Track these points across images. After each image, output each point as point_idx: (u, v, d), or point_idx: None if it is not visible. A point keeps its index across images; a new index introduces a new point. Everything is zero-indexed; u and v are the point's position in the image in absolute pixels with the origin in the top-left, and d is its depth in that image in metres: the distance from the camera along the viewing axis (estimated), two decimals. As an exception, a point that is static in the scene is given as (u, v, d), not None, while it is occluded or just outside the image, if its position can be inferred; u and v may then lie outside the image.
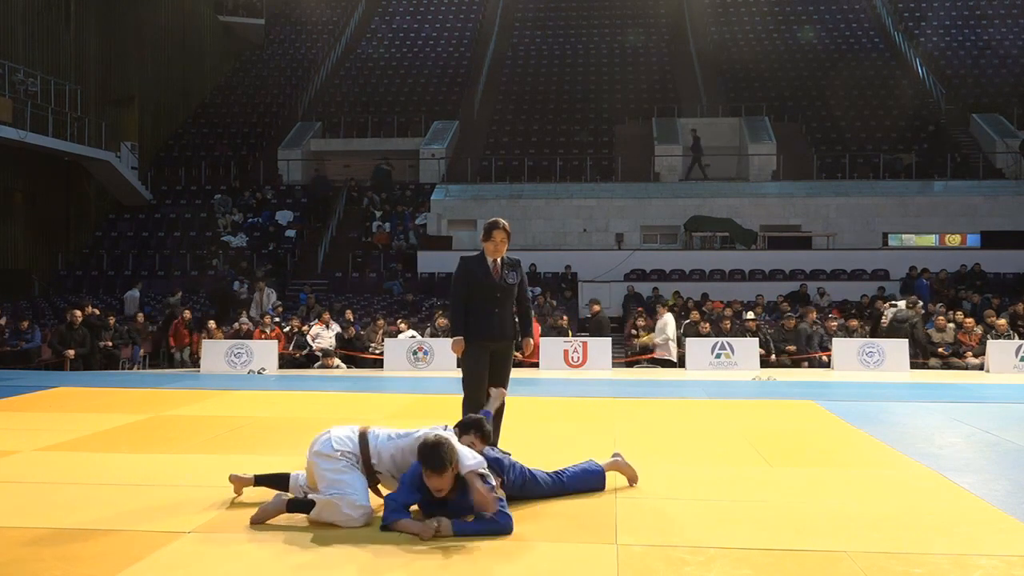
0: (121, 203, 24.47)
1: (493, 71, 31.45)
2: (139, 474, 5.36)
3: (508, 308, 5.78)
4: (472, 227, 22.59)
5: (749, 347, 14.60)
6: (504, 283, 5.71)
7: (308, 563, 3.76)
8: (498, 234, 5.65)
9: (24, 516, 4.41)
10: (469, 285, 5.69)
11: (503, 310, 5.73)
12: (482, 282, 5.67)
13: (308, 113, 29.19)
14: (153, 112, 27.59)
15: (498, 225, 5.68)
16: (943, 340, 14.94)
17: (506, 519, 4.15)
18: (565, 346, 14.77)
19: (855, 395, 9.93)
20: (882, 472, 5.58)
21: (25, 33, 22.46)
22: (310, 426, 7.37)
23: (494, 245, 5.66)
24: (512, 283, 5.74)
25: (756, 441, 6.55)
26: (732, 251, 21.41)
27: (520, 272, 5.84)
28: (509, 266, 5.76)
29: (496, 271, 5.70)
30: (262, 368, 14.15)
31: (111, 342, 15.02)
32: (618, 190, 23.21)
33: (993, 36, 30.43)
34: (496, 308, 5.69)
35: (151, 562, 3.73)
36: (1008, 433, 7.00)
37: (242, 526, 4.25)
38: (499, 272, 5.70)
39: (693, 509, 4.58)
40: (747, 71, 29.44)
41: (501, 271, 5.71)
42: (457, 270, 5.84)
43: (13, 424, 7.36)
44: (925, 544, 3.98)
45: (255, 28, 33.44)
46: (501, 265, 5.72)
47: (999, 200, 21.90)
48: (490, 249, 5.68)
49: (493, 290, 5.67)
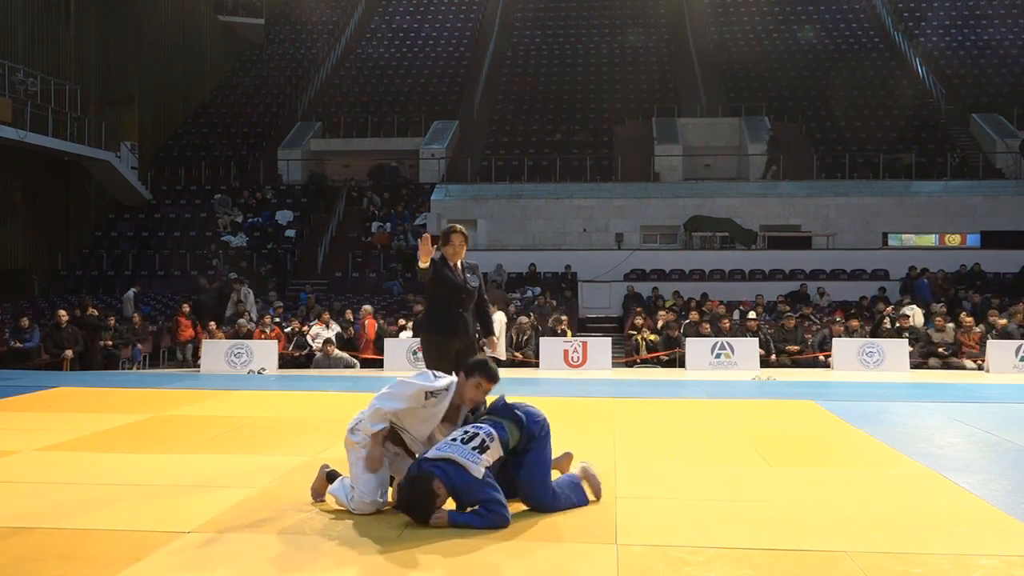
0: (121, 203, 24.46)
1: (493, 71, 31.45)
2: (139, 474, 5.36)
3: (470, 310, 5.96)
4: (472, 227, 22.58)
5: (749, 347, 14.60)
6: (468, 286, 5.89)
7: (308, 563, 3.76)
8: (456, 238, 5.85)
9: (24, 516, 4.40)
10: (442, 283, 5.84)
11: (465, 311, 5.91)
12: (450, 283, 5.83)
13: (308, 113, 29.20)
14: (153, 112, 27.58)
15: (455, 229, 5.89)
16: (943, 340, 14.94)
17: (502, 511, 4.16)
18: (565, 346, 14.76)
19: (855, 395, 9.92)
20: (882, 472, 5.58)
21: (25, 33, 22.45)
22: (310, 426, 7.38)
23: (453, 249, 5.84)
24: (474, 286, 5.93)
25: (756, 441, 6.55)
26: (732, 251, 21.41)
27: (479, 275, 6.04)
28: (469, 269, 5.95)
29: (460, 275, 5.87)
30: (262, 368, 14.15)
31: (111, 342, 15.02)
32: (618, 190, 23.20)
33: (993, 36, 30.43)
34: (460, 309, 5.87)
35: (151, 562, 3.73)
36: (1008, 433, 7.00)
37: (242, 526, 4.25)
38: (462, 275, 5.88)
39: (693, 509, 4.58)
40: (747, 71, 29.43)
41: (463, 274, 5.89)
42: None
43: (13, 424, 7.36)
44: (925, 544, 3.98)
45: (255, 28, 33.43)
46: (462, 269, 5.90)
47: (999, 200, 21.89)
48: (450, 253, 5.85)
49: (459, 292, 5.85)
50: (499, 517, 4.16)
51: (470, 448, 4.26)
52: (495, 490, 4.21)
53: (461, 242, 5.87)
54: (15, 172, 22.13)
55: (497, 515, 4.16)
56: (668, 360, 15.01)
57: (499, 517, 4.16)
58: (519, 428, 4.45)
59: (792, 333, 15.22)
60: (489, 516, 4.15)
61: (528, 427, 4.46)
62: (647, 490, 4.97)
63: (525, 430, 4.45)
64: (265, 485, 5.00)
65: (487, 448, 4.30)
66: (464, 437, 4.33)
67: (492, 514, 4.15)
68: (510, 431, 4.43)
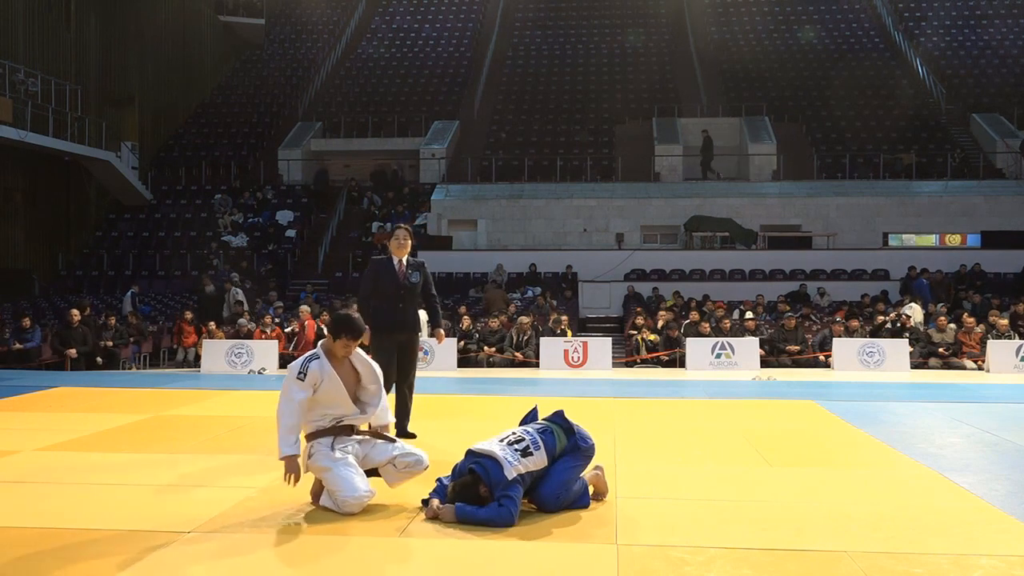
0: (121, 203, 24.47)
1: (493, 71, 31.45)
2: (139, 474, 5.36)
3: (412, 304, 6.52)
4: (472, 227, 22.59)
5: (749, 347, 14.60)
6: (408, 282, 6.45)
7: (308, 563, 3.76)
8: (400, 232, 6.50)
9: (24, 516, 4.41)
10: (375, 283, 6.48)
11: (407, 306, 6.46)
12: (387, 281, 6.42)
13: (308, 113, 29.20)
14: (153, 112, 27.60)
15: (402, 226, 6.59)
16: (943, 340, 14.93)
17: (511, 510, 4.17)
18: (565, 346, 14.76)
19: (855, 395, 9.92)
20: (882, 472, 5.58)
21: (25, 33, 22.46)
22: (310, 426, 7.38)
23: (398, 243, 6.46)
24: (415, 282, 6.49)
25: (756, 441, 6.55)
26: (732, 251, 21.41)
27: (424, 273, 6.59)
28: (413, 267, 6.52)
29: (401, 271, 6.45)
30: (262, 368, 14.15)
31: (111, 342, 15.02)
32: (618, 190, 23.21)
33: (993, 36, 30.44)
34: (400, 304, 6.42)
35: (151, 562, 3.73)
36: (1008, 433, 7.00)
37: (242, 526, 4.25)
38: (404, 272, 6.46)
39: (693, 509, 4.58)
40: (747, 71, 29.44)
41: (406, 271, 6.47)
42: (366, 270, 6.70)
43: (13, 424, 7.35)
44: (925, 544, 3.98)
45: (255, 28, 33.45)
46: (406, 266, 6.49)
47: (999, 200, 21.89)
48: (395, 247, 6.46)
49: (397, 288, 6.41)
50: (506, 514, 4.17)
51: (513, 449, 4.34)
52: (516, 491, 4.24)
53: (405, 236, 6.47)
54: (15, 172, 22.15)
55: (505, 511, 4.17)
56: (668, 360, 15.00)
57: (506, 514, 4.17)
58: (567, 436, 4.53)
59: (792, 333, 15.22)
60: (498, 511, 4.17)
61: (576, 437, 4.53)
62: (647, 490, 4.97)
63: (572, 439, 4.53)
64: (265, 485, 5.00)
65: (530, 454, 4.35)
66: (512, 439, 4.41)
67: (501, 508, 4.17)
68: (558, 436, 4.51)
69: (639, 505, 4.65)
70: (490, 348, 15.08)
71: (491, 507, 4.20)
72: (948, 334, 14.98)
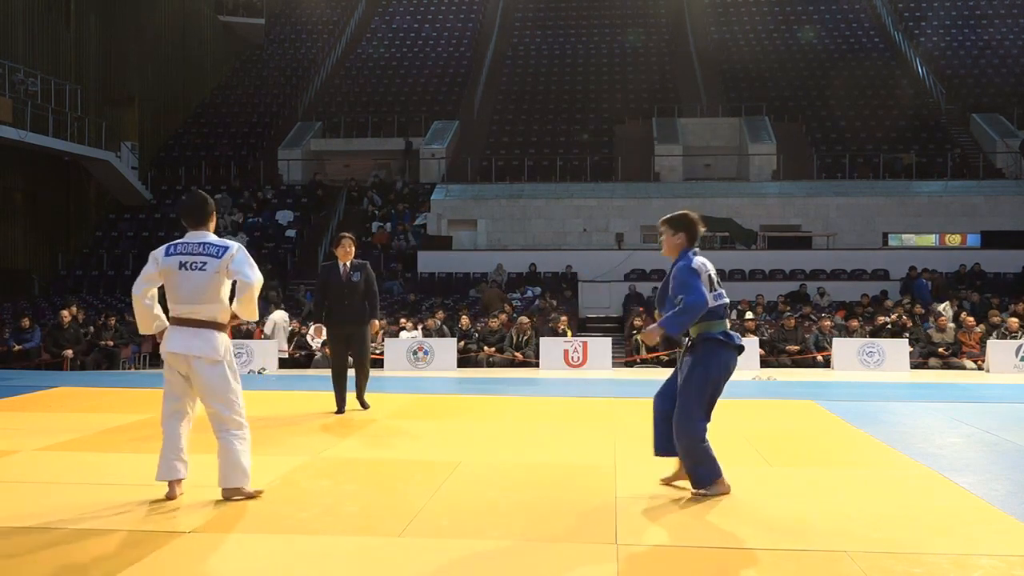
0: (121, 203, 24.47)
1: (493, 71, 31.46)
2: (139, 474, 5.35)
3: (356, 300, 7.67)
4: (472, 227, 22.58)
5: (749, 347, 14.57)
6: (350, 281, 7.66)
7: (308, 563, 3.76)
8: (346, 241, 7.68)
9: (24, 516, 4.40)
10: (325, 286, 7.77)
11: (352, 301, 7.65)
12: (333, 282, 7.67)
13: (308, 113, 29.20)
14: (153, 112, 27.60)
15: (345, 235, 7.76)
16: (944, 340, 14.94)
17: (695, 296, 4.67)
18: (565, 346, 14.76)
19: (855, 395, 9.92)
20: (882, 472, 5.58)
21: (25, 33, 22.46)
22: (310, 426, 7.39)
23: (343, 250, 7.66)
24: (356, 281, 7.66)
25: (756, 441, 6.55)
26: (732, 251, 21.40)
27: (365, 271, 7.75)
28: (356, 268, 7.72)
29: (344, 273, 7.68)
30: (262, 368, 14.15)
31: (112, 342, 15.02)
32: (618, 190, 23.21)
33: (993, 36, 30.44)
34: (346, 300, 7.64)
35: (151, 562, 3.73)
36: (1008, 433, 7.00)
37: (242, 526, 4.25)
38: (347, 273, 7.68)
39: (693, 509, 4.58)
40: (747, 71, 29.44)
41: (348, 272, 7.68)
42: (318, 277, 7.98)
43: (13, 424, 7.35)
44: (925, 544, 3.98)
45: (255, 28, 33.45)
46: (350, 268, 7.70)
47: (999, 200, 21.89)
48: (340, 254, 7.66)
49: (342, 287, 7.65)
50: (692, 299, 4.69)
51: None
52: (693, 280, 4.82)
53: (349, 244, 7.67)
54: (15, 172, 22.14)
55: (691, 298, 4.69)
56: (668, 360, 14.99)
57: (692, 299, 4.69)
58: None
59: (792, 333, 15.21)
60: (687, 300, 4.68)
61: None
62: (647, 490, 4.97)
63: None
64: (265, 485, 5.00)
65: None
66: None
67: (688, 298, 4.68)
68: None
69: (639, 505, 4.65)
70: (490, 348, 15.09)
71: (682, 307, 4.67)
72: (948, 334, 14.98)
